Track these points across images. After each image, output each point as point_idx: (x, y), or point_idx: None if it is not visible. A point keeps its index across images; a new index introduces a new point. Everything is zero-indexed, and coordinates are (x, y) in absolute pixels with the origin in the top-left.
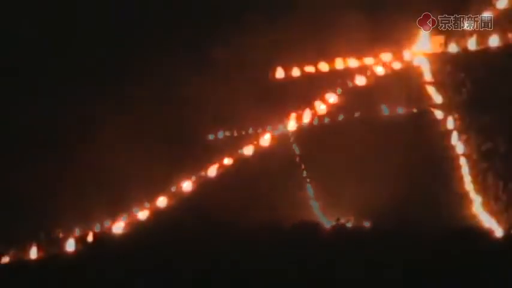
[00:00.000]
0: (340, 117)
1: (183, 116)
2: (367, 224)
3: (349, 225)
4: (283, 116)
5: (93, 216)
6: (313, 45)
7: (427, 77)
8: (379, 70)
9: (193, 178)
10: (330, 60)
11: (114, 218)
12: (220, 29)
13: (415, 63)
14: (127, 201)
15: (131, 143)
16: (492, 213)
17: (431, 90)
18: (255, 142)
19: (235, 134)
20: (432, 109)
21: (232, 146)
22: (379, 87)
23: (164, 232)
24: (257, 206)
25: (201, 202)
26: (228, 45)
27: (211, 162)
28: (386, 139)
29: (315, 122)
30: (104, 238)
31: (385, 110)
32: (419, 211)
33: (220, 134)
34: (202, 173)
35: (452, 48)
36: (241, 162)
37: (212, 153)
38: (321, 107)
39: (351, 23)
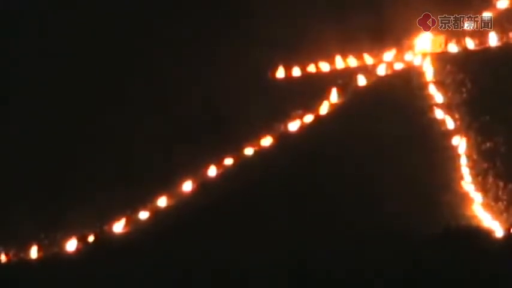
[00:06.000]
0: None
1: (184, 116)
2: None
3: None
4: (284, 116)
5: (93, 216)
6: (313, 45)
7: (427, 77)
8: (381, 70)
9: (194, 177)
10: (331, 59)
11: (114, 217)
12: (220, 29)
13: (416, 63)
14: (127, 201)
15: (132, 143)
16: (492, 213)
17: (431, 90)
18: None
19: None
20: (432, 109)
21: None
22: (380, 87)
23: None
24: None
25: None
26: (227, 44)
27: (211, 162)
28: (385, 139)
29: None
30: (104, 238)
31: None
32: (419, 211)
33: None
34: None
35: (452, 48)
36: None
37: (212, 151)
38: (323, 107)
39: (351, 23)
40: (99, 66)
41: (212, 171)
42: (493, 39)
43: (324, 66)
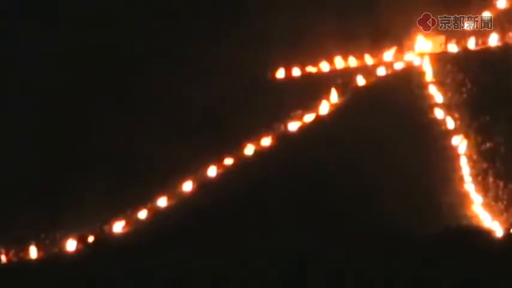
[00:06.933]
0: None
1: (184, 116)
2: None
3: None
4: (284, 116)
5: (93, 216)
6: (313, 45)
7: (427, 77)
8: (380, 70)
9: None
10: (331, 59)
11: (114, 218)
12: (220, 29)
13: (416, 63)
14: (127, 201)
15: (132, 143)
16: (492, 213)
17: (431, 90)
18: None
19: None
20: (432, 109)
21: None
22: (380, 87)
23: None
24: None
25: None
26: (227, 44)
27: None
28: (385, 139)
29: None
30: (104, 238)
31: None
32: (419, 211)
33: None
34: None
35: (452, 48)
36: None
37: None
38: (323, 107)
39: (351, 23)
40: (100, 67)
41: (212, 171)
42: (493, 39)
43: (324, 66)
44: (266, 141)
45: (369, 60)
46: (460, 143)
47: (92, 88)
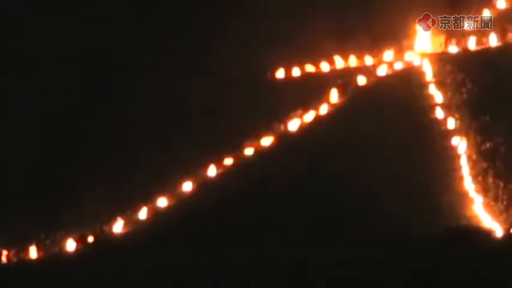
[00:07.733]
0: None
1: (184, 116)
2: None
3: None
4: (284, 116)
5: (93, 216)
6: (313, 45)
7: (427, 77)
8: (381, 70)
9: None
10: (331, 59)
11: (114, 218)
12: (220, 29)
13: (416, 63)
14: (127, 201)
15: (132, 142)
16: (492, 213)
17: (431, 90)
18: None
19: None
20: (432, 109)
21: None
22: (380, 87)
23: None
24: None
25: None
26: (227, 44)
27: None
28: (385, 138)
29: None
30: (104, 238)
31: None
32: (419, 211)
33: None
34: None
35: (452, 48)
36: None
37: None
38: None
39: (351, 23)
40: (100, 67)
41: (212, 171)
42: (493, 39)
43: (324, 66)
44: (266, 141)
45: (368, 60)
46: (460, 143)
47: (92, 88)
